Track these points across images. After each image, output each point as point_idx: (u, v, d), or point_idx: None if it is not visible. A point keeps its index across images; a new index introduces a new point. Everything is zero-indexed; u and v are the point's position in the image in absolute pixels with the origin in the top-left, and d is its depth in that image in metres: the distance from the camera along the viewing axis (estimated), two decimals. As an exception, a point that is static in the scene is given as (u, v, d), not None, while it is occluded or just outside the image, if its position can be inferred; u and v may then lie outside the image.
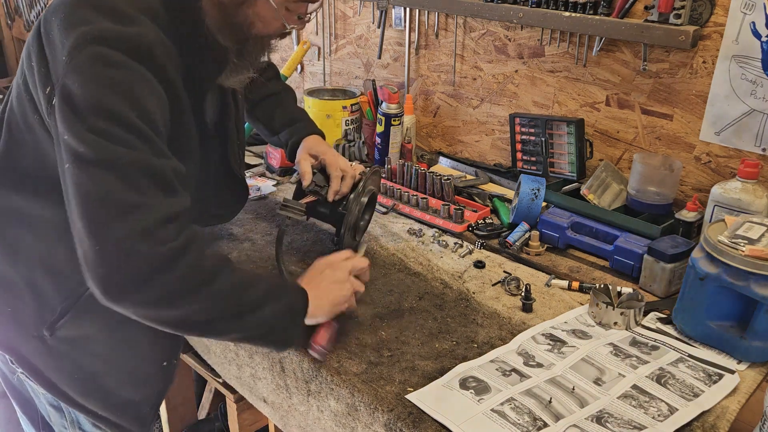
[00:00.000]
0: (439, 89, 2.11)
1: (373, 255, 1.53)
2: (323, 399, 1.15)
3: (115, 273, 0.90)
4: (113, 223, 0.89)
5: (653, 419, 1.02)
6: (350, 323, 1.23)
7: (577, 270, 1.49)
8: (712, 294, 1.18)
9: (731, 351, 1.19)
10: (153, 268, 0.91)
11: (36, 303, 1.17)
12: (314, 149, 1.46)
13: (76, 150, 0.91)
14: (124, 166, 0.91)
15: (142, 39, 0.98)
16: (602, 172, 1.69)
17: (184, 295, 0.95)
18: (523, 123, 1.83)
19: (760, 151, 1.51)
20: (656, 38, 1.54)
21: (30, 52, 1.03)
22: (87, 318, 1.17)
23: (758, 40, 1.44)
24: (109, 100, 0.92)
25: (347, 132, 2.14)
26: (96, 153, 0.90)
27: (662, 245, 1.37)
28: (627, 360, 1.17)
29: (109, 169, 0.91)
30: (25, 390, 1.31)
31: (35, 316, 1.17)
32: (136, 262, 0.90)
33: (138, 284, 0.91)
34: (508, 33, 1.88)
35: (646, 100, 1.67)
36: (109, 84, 0.93)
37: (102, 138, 0.91)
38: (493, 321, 1.28)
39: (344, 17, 2.30)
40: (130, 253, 0.90)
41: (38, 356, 1.20)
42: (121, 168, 0.91)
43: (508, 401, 1.05)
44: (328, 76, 2.45)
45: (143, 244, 0.90)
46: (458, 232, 1.64)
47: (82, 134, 0.91)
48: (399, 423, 1.03)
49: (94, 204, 0.90)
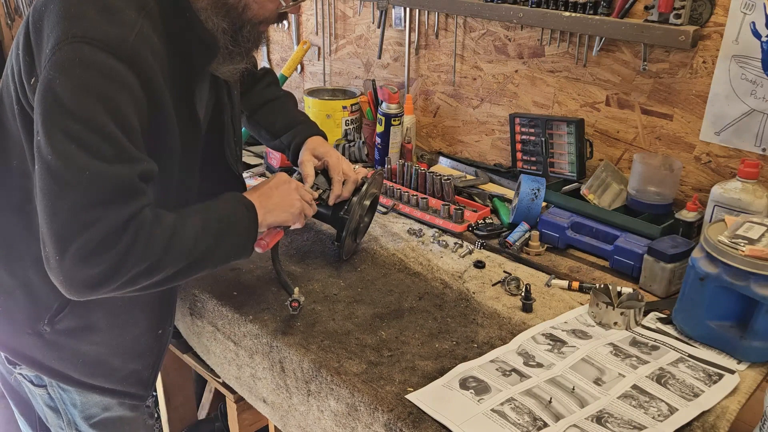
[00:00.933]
0: (439, 89, 2.11)
1: (373, 255, 1.53)
2: (323, 399, 1.15)
3: (72, 280, 0.97)
4: (74, 237, 0.94)
5: (653, 419, 1.02)
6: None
7: (577, 270, 1.49)
8: (712, 294, 1.18)
9: (731, 351, 1.19)
10: (110, 268, 0.97)
11: (29, 301, 1.17)
12: (317, 150, 1.46)
13: (46, 158, 0.94)
14: (91, 180, 0.94)
15: (126, 38, 0.98)
16: (602, 172, 1.69)
17: (145, 272, 1.01)
18: (523, 123, 1.83)
19: (760, 151, 1.51)
20: (656, 38, 1.54)
21: (19, 41, 1.04)
22: (88, 308, 1.18)
23: (758, 40, 1.44)
24: (85, 103, 0.94)
25: (347, 132, 2.14)
26: (65, 165, 0.93)
27: (662, 245, 1.36)
28: (627, 360, 1.17)
29: (75, 186, 0.94)
30: (23, 391, 1.31)
31: (30, 313, 1.18)
32: (92, 268, 0.96)
33: (97, 285, 0.98)
34: (508, 33, 1.88)
35: (646, 100, 1.67)
36: (86, 86, 0.94)
37: (73, 144, 0.93)
38: (493, 321, 1.28)
39: (344, 17, 2.30)
40: (87, 261, 0.95)
41: (37, 350, 1.21)
42: (86, 183, 0.94)
43: (508, 401, 1.05)
44: (328, 76, 2.45)
45: (100, 251, 0.96)
46: (458, 232, 1.64)
47: (54, 138, 0.93)
48: (399, 423, 1.03)
49: (58, 217, 0.94)
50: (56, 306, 1.16)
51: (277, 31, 2.54)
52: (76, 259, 0.94)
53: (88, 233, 0.94)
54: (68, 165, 0.93)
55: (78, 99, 0.94)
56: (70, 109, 0.93)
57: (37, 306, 1.17)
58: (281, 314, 1.30)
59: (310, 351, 1.19)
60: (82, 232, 0.94)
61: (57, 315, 1.17)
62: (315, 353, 1.18)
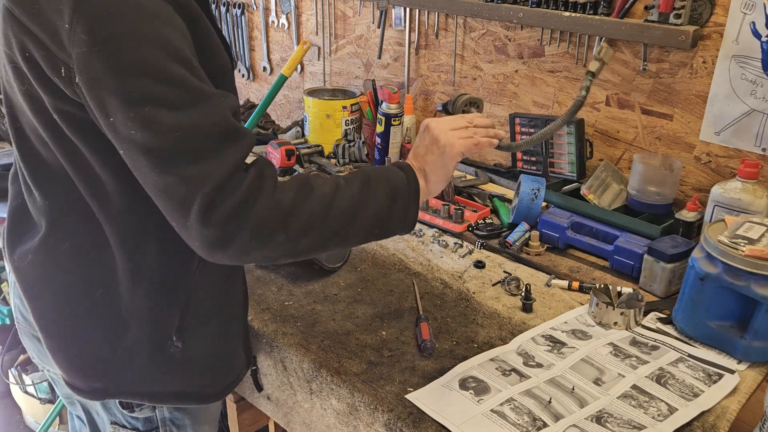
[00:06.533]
0: (439, 89, 2.11)
1: (373, 255, 1.53)
2: (324, 398, 1.15)
3: (212, 242, 0.88)
4: (193, 199, 0.85)
5: (653, 419, 1.02)
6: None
7: (577, 270, 1.49)
8: (712, 294, 1.18)
9: (731, 351, 1.19)
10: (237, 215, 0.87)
11: (149, 324, 1.06)
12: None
13: (129, 136, 0.83)
14: (184, 136, 0.84)
15: None
16: (602, 172, 1.69)
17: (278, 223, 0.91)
18: (523, 123, 1.83)
19: (760, 151, 1.51)
20: (656, 38, 1.54)
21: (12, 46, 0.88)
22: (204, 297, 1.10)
23: (758, 40, 1.44)
24: (136, 54, 0.81)
25: (347, 132, 2.14)
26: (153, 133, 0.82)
27: (662, 245, 1.37)
28: (627, 360, 1.17)
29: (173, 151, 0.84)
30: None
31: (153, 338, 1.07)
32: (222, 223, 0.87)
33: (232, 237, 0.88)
34: (508, 33, 1.88)
35: (646, 100, 1.67)
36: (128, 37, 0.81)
37: (147, 105, 0.82)
38: (493, 321, 1.28)
39: (344, 17, 2.30)
40: (209, 223, 0.86)
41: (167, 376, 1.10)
42: (182, 142, 0.84)
43: (508, 401, 1.05)
44: (328, 76, 2.45)
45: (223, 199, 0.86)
46: (458, 232, 1.64)
47: (125, 108, 0.82)
48: (399, 423, 1.03)
49: (171, 189, 0.85)
50: (179, 312, 1.06)
51: (277, 31, 2.54)
52: (201, 219, 0.85)
53: (206, 188, 0.85)
54: (155, 131, 0.82)
55: (127, 55, 0.81)
56: (124, 69, 0.81)
57: (156, 325, 1.06)
58: (281, 314, 1.30)
59: (311, 351, 1.19)
60: (198, 191, 0.84)
61: (182, 323, 1.06)
62: (315, 353, 1.18)
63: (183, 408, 1.18)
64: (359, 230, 1.00)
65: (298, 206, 0.92)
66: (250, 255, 0.92)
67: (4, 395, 2.71)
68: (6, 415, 2.68)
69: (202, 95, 0.86)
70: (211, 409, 1.26)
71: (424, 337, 1.19)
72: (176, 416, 1.18)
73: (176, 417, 1.18)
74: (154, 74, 0.82)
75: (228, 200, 0.86)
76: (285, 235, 0.92)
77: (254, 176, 0.90)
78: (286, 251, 0.94)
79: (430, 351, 1.17)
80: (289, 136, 2.27)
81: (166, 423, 1.18)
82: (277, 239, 0.91)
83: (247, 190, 0.88)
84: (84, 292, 1.03)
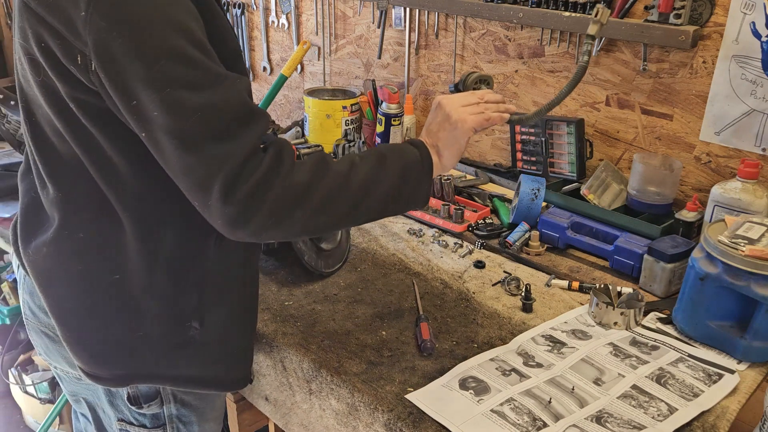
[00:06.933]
0: (439, 89, 2.11)
1: (373, 255, 1.53)
2: (324, 398, 1.15)
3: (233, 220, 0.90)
4: (212, 183, 0.87)
5: (653, 419, 1.02)
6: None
7: (577, 270, 1.49)
8: (712, 294, 1.18)
9: (731, 351, 1.19)
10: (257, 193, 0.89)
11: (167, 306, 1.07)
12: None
13: (151, 118, 0.84)
14: (204, 117, 0.86)
15: None
16: (602, 172, 1.69)
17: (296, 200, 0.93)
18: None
19: (760, 151, 1.51)
20: (656, 38, 1.54)
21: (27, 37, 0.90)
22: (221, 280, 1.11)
23: (758, 40, 1.44)
24: (154, 36, 0.83)
25: (347, 132, 2.14)
26: (174, 117, 0.84)
27: (662, 245, 1.37)
28: (627, 360, 1.17)
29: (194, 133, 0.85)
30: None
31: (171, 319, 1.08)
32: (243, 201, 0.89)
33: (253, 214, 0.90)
34: (508, 33, 1.88)
35: (646, 100, 1.67)
36: (144, 20, 0.83)
37: (167, 88, 0.83)
38: (493, 321, 1.28)
39: (344, 17, 2.30)
40: (230, 202, 0.88)
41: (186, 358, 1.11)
42: (203, 123, 0.86)
43: (508, 401, 1.05)
44: (328, 76, 2.45)
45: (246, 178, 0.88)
46: (458, 232, 1.64)
47: (147, 91, 0.83)
48: (399, 423, 1.03)
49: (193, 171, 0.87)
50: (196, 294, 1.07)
51: (277, 31, 2.54)
52: (223, 197, 0.87)
53: (227, 168, 0.86)
54: (178, 112, 0.84)
55: (146, 38, 0.83)
56: (144, 52, 0.82)
57: (174, 308, 1.07)
58: (281, 314, 1.30)
59: (310, 351, 1.19)
60: (219, 171, 0.86)
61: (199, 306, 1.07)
62: (315, 353, 1.19)
63: (190, 404, 1.19)
64: (375, 205, 1.02)
65: (315, 184, 0.94)
66: (269, 232, 0.94)
67: (4, 395, 2.72)
68: (6, 415, 2.69)
69: (220, 77, 0.88)
70: (217, 405, 1.27)
71: (424, 337, 1.19)
72: (183, 413, 1.19)
73: (183, 414, 1.19)
74: (174, 56, 0.84)
75: (249, 179, 0.88)
76: (302, 212, 0.94)
77: (273, 155, 0.92)
78: (304, 227, 0.96)
79: (430, 351, 1.17)
80: (289, 136, 2.27)
81: (173, 419, 1.18)
82: (294, 216, 0.93)
83: (267, 169, 0.90)
84: (100, 279, 1.04)
